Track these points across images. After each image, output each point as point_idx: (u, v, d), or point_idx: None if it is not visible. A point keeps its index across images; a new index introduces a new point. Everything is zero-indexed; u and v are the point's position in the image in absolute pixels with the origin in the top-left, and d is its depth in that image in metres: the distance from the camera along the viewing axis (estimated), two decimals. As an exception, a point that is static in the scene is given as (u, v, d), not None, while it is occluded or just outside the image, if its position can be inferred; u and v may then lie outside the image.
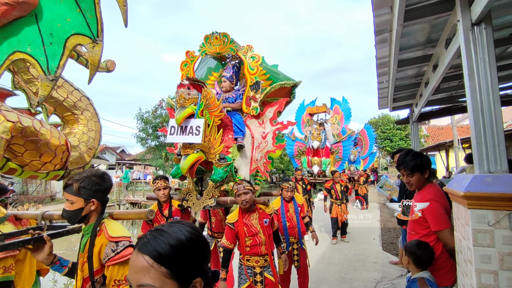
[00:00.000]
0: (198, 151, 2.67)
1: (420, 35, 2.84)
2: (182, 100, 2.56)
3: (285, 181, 3.89)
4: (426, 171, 2.11)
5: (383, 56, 3.11)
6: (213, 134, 2.78)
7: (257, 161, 3.33)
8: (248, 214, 2.73)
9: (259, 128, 3.45)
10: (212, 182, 2.85)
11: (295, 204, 3.87)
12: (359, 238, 7.60)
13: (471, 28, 1.63)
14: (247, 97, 3.39)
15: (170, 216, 3.16)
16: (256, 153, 3.34)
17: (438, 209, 1.93)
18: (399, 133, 26.73)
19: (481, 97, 1.57)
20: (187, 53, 3.49)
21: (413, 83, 4.25)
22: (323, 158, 7.97)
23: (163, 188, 3.17)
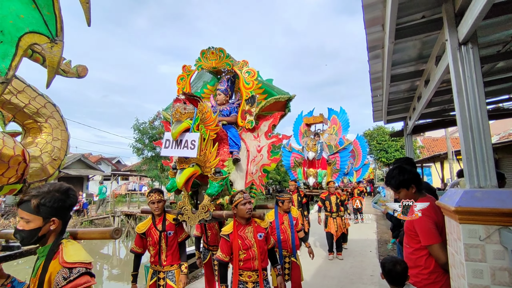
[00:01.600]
0: (194, 165, 2.68)
1: (412, 51, 2.93)
2: (178, 114, 2.59)
3: (282, 192, 3.88)
4: (412, 186, 2.09)
5: (377, 71, 3.18)
6: (209, 148, 2.79)
7: (252, 174, 3.32)
8: (243, 226, 2.71)
9: (254, 141, 3.46)
10: (208, 196, 2.84)
11: (290, 217, 3.82)
12: (355, 251, 7.54)
13: (458, 47, 1.69)
14: (242, 110, 3.41)
15: (164, 230, 3.10)
16: (252, 166, 3.33)
17: (427, 223, 1.92)
18: (395, 145, 26.95)
19: (469, 113, 1.62)
20: (184, 68, 3.53)
21: (406, 97, 4.34)
22: (319, 170, 7.80)
23: (157, 202, 3.13)
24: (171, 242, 3.10)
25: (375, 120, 5.59)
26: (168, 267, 3.07)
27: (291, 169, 8.50)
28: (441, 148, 24.07)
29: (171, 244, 3.10)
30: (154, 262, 3.11)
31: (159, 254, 3.06)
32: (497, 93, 4.61)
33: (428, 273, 1.95)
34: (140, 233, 3.15)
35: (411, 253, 2.08)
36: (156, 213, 3.14)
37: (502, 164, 9.81)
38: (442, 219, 1.99)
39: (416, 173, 2.17)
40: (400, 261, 1.99)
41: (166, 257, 3.06)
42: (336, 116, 8.86)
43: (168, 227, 3.11)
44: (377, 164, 31.32)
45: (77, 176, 21.95)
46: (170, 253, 3.08)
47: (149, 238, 3.11)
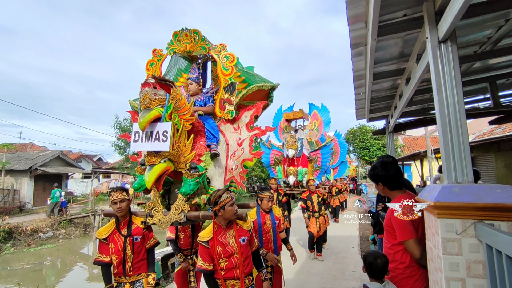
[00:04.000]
0: (166, 160, 2.35)
1: (394, 49, 2.97)
2: (147, 101, 2.24)
3: (264, 190, 3.62)
4: (380, 183, 2.19)
5: (359, 69, 3.21)
6: (183, 141, 2.48)
7: (232, 170, 3.03)
8: (224, 230, 2.39)
9: (234, 134, 3.15)
10: (182, 195, 2.52)
11: (272, 217, 3.59)
12: (338, 247, 7.67)
13: (438, 45, 1.72)
14: (221, 100, 3.09)
15: (130, 235, 2.72)
16: (232, 161, 3.04)
17: (402, 220, 1.95)
18: (377, 143, 27.56)
19: (448, 111, 1.65)
20: (154, 52, 3.17)
21: (388, 95, 4.42)
22: (300, 168, 7.47)
23: (119, 201, 2.71)
24: (138, 248, 2.75)
25: (358, 118, 5.67)
26: (134, 277, 2.73)
27: (271, 167, 8.15)
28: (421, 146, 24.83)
29: (138, 251, 2.74)
30: (118, 273, 2.70)
31: (123, 263, 2.68)
32: (473, 93, 4.78)
33: (404, 267, 1.99)
34: (101, 239, 2.73)
35: (389, 248, 2.13)
36: (120, 215, 2.74)
37: (477, 162, 10.25)
38: None
39: (390, 172, 2.17)
40: (381, 255, 2.05)
41: (132, 266, 2.69)
42: (317, 111, 8.48)
43: (135, 232, 2.75)
44: (359, 162, 31.96)
45: (55, 174, 21.18)
46: (136, 262, 2.72)
47: (112, 245, 2.70)
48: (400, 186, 2.20)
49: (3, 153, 19.32)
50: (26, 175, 19.38)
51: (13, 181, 19.07)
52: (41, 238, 12.94)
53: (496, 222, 1.38)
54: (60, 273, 10.18)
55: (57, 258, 11.57)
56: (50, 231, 13.64)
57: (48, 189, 19.64)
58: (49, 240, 13.06)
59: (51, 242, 12.96)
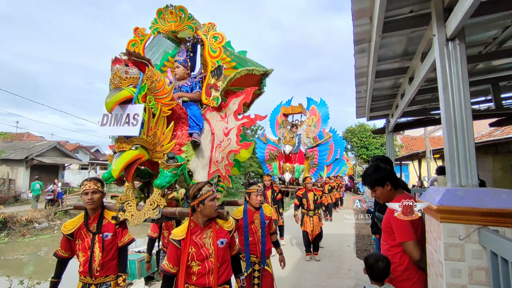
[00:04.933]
0: (138, 147, 2.10)
1: (397, 47, 2.90)
2: (117, 79, 1.98)
3: (251, 184, 3.33)
4: (387, 183, 2.12)
5: (362, 66, 3.15)
6: (161, 127, 2.23)
7: (218, 163, 2.78)
8: (200, 229, 2.11)
9: (220, 122, 2.87)
10: (156, 188, 2.26)
11: (262, 215, 3.25)
12: (334, 245, 7.65)
13: (446, 43, 1.66)
14: (207, 85, 2.80)
15: (99, 231, 2.44)
16: (217, 153, 2.78)
17: (402, 220, 1.93)
18: (375, 142, 27.60)
19: (454, 111, 1.59)
20: (136, 31, 2.88)
21: (389, 94, 4.36)
22: (296, 165, 7.19)
23: (91, 192, 2.43)
24: (108, 247, 2.46)
25: (358, 117, 5.62)
26: (101, 278, 2.43)
27: (266, 163, 7.86)
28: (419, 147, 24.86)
29: (108, 249, 2.46)
30: (83, 272, 2.41)
31: (90, 262, 2.39)
32: (475, 94, 4.73)
33: (402, 269, 1.96)
34: (67, 234, 2.45)
35: (387, 249, 2.10)
36: (90, 207, 2.46)
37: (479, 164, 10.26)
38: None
39: (392, 170, 2.19)
40: (382, 257, 2.01)
41: (100, 266, 2.41)
42: (315, 106, 8.15)
43: (105, 228, 2.47)
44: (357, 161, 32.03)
45: (51, 164, 21.06)
46: (105, 262, 2.44)
47: (79, 241, 2.43)
48: (398, 185, 2.18)
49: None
50: (22, 164, 19.27)
51: (9, 171, 18.97)
52: (36, 229, 12.87)
53: (501, 228, 1.33)
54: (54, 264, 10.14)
55: (52, 248, 11.52)
56: (45, 221, 13.57)
57: (44, 180, 19.54)
58: (44, 231, 12.99)
59: (46, 232, 12.88)
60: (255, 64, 2.95)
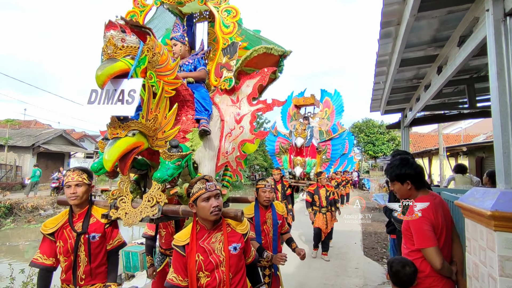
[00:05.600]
0: (136, 133, 1.76)
1: (425, 32, 2.62)
2: (112, 48, 1.62)
3: (261, 180, 2.97)
4: (407, 181, 1.96)
5: (385, 53, 2.89)
6: (163, 110, 1.90)
7: (227, 154, 2.45)
8: (208, 233, 1.75)
9: (232, 107, 2.51)
10: (156, 182, 1.93)
11: (274, 214, 2.92)
12: (340, 242, 7.48)
13: (503, 18, 1.41)
14: (217, 64, 2.47)
15: (85, 231, 2.05)
16: (227, 142, 2.45)
17: (421, 224, 1.79)
18: (382, 138, 27.20)
19: (511, 100, 1.35)
20: (135, 1, 2.54)
21: (409, 86, 4.08)
22: (308, 158, 6.76)
23: (75, 185, 2.05)
24: (96, 250, 2.09)
25: (372, 110, 5.35)
26: (87, 287, 2.06)
27: (276, 156, 7.49)
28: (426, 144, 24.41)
29: (96, 253, 2.09)
30: (66, 281, 2.05)
31: (73, 269, 2.02)
32: None
33: (423, 277, 1.80)
34: (46, 234, 2.07)
35: (407, 254, 1.94)
36: (74, 203, 2.07)
37: (487, 162, 9.95)
38: (442, 220, 1.84)
39: (418, 170, 1.97)
40: (409, 263, 1.83)
41: (86, 273, 2.04)
42: (329, 98, 7.73)
43: (93, 228, 2.09)
44: (363, 157, 31.69)
45: (57, 152, 21.13)
46: (92, 268, 2.07)
47: (60, 243, 2.03)
48: (424, 185, 2.01)
49: (6, 129, 19.20)
50: (29, 152, 19.36)
51: (16, 157, 19.09)
52: (41, 216, 12.92)
53: None
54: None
55: (56, 236, 11.57)
56: (51, 208, 13.63)
57: (51, 167, 19.67)
58: (49, 218, 13.05)
59: (51, 220, 12.96)
60: (272, 44, 2.64)
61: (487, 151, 10.12)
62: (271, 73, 2.58)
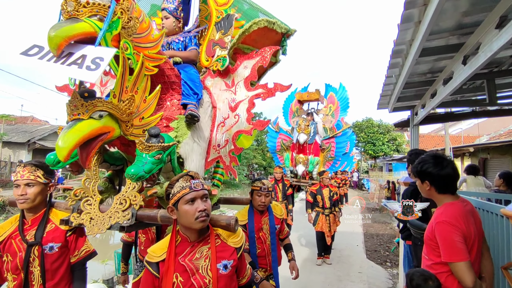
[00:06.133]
0: (104, 116, 1.41)
1: (449, 17, 2.34)
2: (73, 4, 1.27)
3: (257, 180, 2.54)
4: (426, 182, 1.78)
5: (403, 42, 2.60)
6: (141, 91, 1.57)
7: (219, 148, 2.11)
8: (192, 246, 1.38)
9: (226, 93, 2.16)
10: (130, 179, 1.57)
11: (271, 219, 2.54)
12: (342, 244, 7.25)
13: None
14: (209, 42, 2.13)
15: (38, 242, 1.64)
16: (219, 134, 2.11)
17: (451, 234, 1.57)
18: (383, 138, 26.99)
19: None
20: None
21: (422, 81, 3.80)
22: (311, 156, 6.40)
23: (24, 185, 1.65)
24: (55, 264, 1.67)
25: (380, 107, 5.07)
26: None
27: (277, 153, 7.11)
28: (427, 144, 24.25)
29: (54, 268, 1.67)
30: None
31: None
32: None
33: None
34: None
35: (429, 266, 1.71)
36: (23, 207, 1.67)
37: (491, 164, 9.76)
38: (474, 230, 1.61)
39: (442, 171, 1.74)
40: (433, 277, 1.61)
41: None
42: (334, 94, 7.29)
43: (50, 237, 1.68)
44: (363, 156, 31.49)
45: (53, 148, 20.64)
46: (51, 286, 1.66)
47: (8, 257, 1.63)
48: (452, 189, 1.77)
49: (1, 124, 18.87)
50: (24, 148, 19.06)
51: (11, 154, 18.78)
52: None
53: None
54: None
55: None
56: (44, 206, 13.34)
57: (46, 164, 19.35)
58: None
59: (44, 217, 12.67)
60: (274, 17, 2.28)
61: (492, 152, 9.92)
62: (272, 56, 2.22)
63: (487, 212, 2.15)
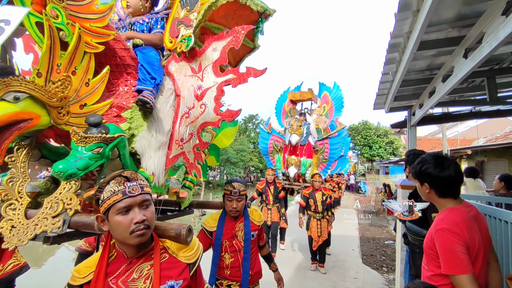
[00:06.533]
0: (22, 98, 1.17)
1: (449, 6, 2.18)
2: None
3: (230, 183, 2.23)
4: (425, 184, 1.65)
5: (400, 34, 2.44)
6: (82, 72, 1.35)
7: (182, 143, 1.84)
8: (128, 263, 1.09)
9: (191, 79, 1.89)
10: (58, 177, 1.30)
11: (246, 225, 2.24)
12: (337, 248, 7.07)
13: None
14: (173, 20, 1.89)
15: None
16: (183, 126, 1.84)
17: (451, 244, 1.42)
18: (380, 141, 26.92)
19: None
20: None
21: (420, 78, 3.64)
22: (303, 158, 6.12)
23: None
24: None
25: (376, 108, 4.91)
26: None
27: (269, 155, 6.88)
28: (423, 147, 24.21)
29: None
30: None
31: None
32: None
33: None
34: None
35: (429, 277, 1.57)
36: None
37: (487, 167, 9.68)
38: (478, 239, 1.46)
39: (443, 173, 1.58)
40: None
41: None
42: (328, 93, 6.98)
43: None
44: (359, 159, 31.42)
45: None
46: None
47: None
48: (455, 193, 1.61)
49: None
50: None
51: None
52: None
53: None
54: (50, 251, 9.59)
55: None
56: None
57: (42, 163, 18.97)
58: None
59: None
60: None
61: (489, 155, 9.83)
62: (249, 40, 1.99)
63: (494, 218, 1.99)
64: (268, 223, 5.73)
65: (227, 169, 31.54)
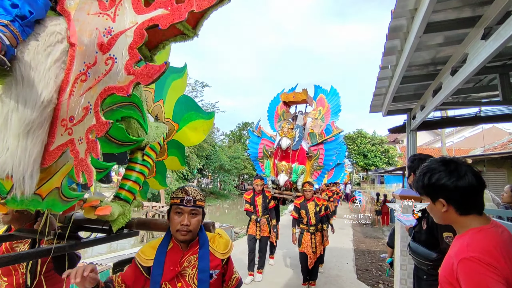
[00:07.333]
0: None
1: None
2: None
3: (179, 188, 1.50)
4: (440, 200, 1.22)
5: (402, 14, 2.03)
6: None
7: (72, 124, 1.15)
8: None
9: (98, 18, 1.21)
10: None
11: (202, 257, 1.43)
12: (330, 262, 6.58)
13: None
14: None
15: None
16: (75, 96, 1.16)
17: (485, 278, 1.03)
18: (375, 149, 26.62)
19: None
20: None
21: (423, 74, 3.23)
22: (295, 164, 5.49)
23: None
24: None
25: (372, 110, 4.52)
26: None
27: (259, 161, 6.22)
28: (419, 157, 23.99)
29: None
30: None
31: None
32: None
33: None
34: None
35: None
36: None
37: (486, 177, 9.36)
38: None
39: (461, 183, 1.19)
40: None
41: None
42: (324, 96, 6.46)
43: None
44: (354, 168, 31.07)
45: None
46: None
47: None
48: (480, 208, 1.21)
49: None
50: None
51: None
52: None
53: None
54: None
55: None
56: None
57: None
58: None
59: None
60: None
61: (488, 165, 9.53)
62: None
63: None
64: (257, 237, 5.17)
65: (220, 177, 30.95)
